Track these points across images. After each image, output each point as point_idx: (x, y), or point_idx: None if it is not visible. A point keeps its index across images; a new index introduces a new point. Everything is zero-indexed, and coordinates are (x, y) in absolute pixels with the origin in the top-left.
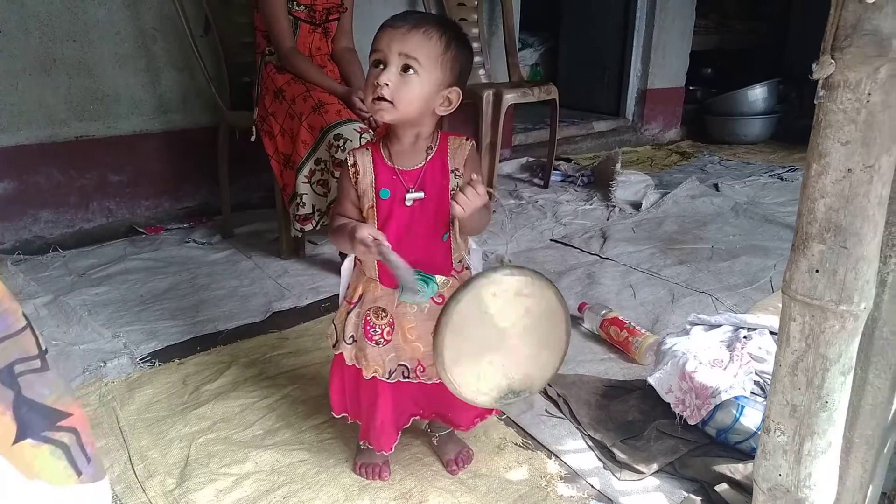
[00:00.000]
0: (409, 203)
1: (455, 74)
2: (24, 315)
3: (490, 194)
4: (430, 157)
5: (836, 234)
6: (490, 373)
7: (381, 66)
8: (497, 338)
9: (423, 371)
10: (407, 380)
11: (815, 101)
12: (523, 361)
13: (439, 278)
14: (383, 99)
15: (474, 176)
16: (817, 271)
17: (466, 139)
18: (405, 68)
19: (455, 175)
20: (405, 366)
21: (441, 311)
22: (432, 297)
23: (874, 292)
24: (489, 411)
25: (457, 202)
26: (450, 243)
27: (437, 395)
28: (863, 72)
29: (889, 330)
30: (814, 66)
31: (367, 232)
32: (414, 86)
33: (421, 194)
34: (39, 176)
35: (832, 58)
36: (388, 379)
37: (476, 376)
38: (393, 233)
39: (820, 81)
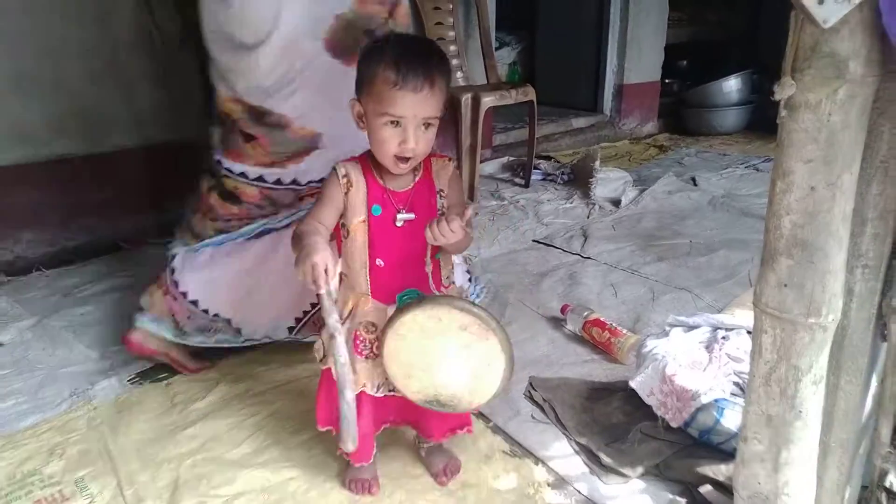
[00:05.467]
0: (399, 224)
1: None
2: None
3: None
4: (417, 179)
5: (803, 249)
6: (421, 378)
7: (398, 125)
8: (433, 355)
9: None
10: (392, 393)
11: (777, 121)
12: (454, 383)
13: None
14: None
15: (454, 215)
16: (786, 285)
17: (448, 160)
18: (426, 126)
19: (441, 196)
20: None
21: (392, 313)
22: None
23: (842, 304)
24: (462, 426)
25: (430, 231)
26: (439, 262)
27: (412, 405)
28: (822, 93)
29: (858, 337)
30: (775, 87)
31: (322, 260)
32: (431, 134)
33: (412, 215)
34: (18, 196)
35: (793, 79)
36: (376, 393)
37: (407, 377)
38: (385, 252)
39: (782, 102)
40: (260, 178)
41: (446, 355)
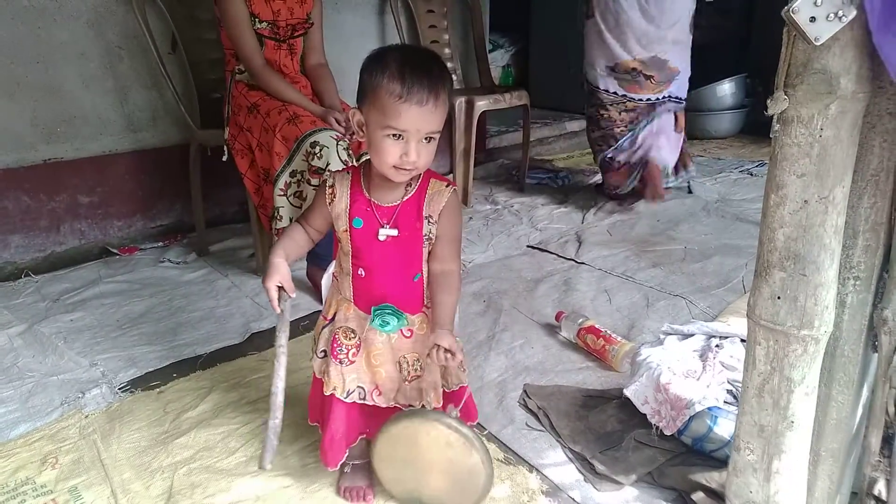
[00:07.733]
0: (382, 238)
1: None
2: None
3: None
4: (407, 197)
5: (796, 262)
6: (407, 481)
7: (400, 138)
8: (420, 463)
9: (379, 394)
10: (362, 401)
11: (770, 135)
12: (437, 491)
13: (412, 317)
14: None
15: (448, 355)
16: (779, 298)
17: (448, 185)
18: (428, 139)
19: (429, 221)
20: (362, 388)
21: (388, 420)
22: (401, 330)
23: (834, 315)
24: None
25: (429, 358)
26: (421, 282)
27: (388, 417)
28: (814, 108)
29: (850, 348)
30: (769, 101)
31: (275, 283)
32: (432, 147)
33: (395, 231)
34: (8, 201)
35: (785, 94)
36: (344, 398)
37: (395, 479)
38: (367, 263)
39: (775, 116)
40: (648, 98)
41: (432, 467)
